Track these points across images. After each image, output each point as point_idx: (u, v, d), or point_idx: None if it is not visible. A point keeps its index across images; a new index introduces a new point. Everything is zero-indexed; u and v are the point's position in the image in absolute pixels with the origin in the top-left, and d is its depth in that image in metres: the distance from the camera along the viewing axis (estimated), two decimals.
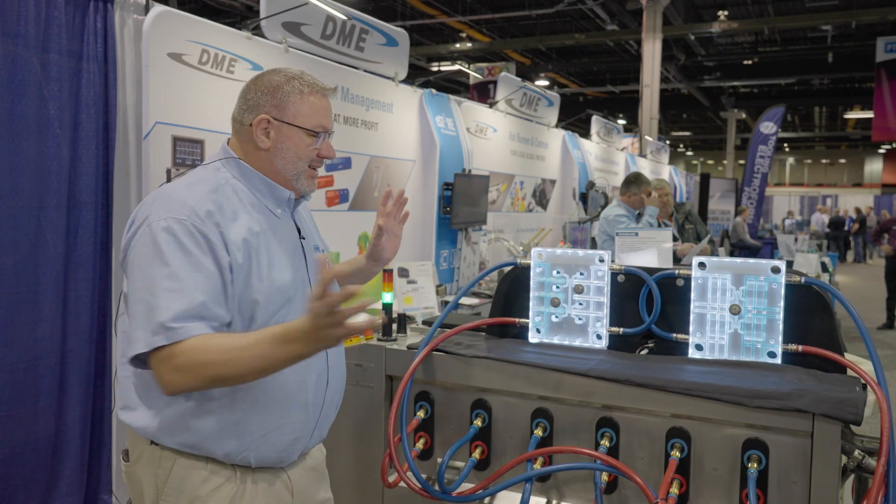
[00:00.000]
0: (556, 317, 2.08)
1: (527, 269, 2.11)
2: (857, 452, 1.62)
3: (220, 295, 1.42)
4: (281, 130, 1.58)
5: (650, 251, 3.67)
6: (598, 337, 2.05)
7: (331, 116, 1.65)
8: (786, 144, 37.87)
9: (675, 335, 1.98)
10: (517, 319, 2.14)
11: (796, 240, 8.96)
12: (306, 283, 1.61)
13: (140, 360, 1.41)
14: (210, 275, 1.41)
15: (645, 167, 11.17)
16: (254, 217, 1.54)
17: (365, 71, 4.45)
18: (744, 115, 26.17)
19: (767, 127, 15.36)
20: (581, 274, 2.05)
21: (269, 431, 1.52)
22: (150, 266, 1.39)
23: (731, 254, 12.42)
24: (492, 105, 6.41)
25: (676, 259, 4.61)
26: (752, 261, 1.89)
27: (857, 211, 24.48)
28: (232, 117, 1.66)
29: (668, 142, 21.13)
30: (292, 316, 1.51)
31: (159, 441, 1.50)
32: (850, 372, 1.80)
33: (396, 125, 4.79)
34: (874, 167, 39.45)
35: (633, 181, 5.24)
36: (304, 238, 1.66)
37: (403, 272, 3.57)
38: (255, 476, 1.54)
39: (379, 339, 2.16)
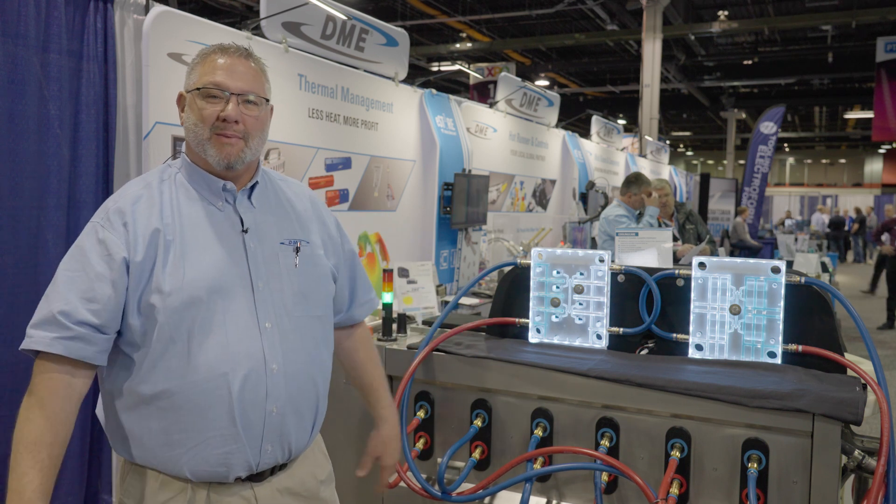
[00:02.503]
0: (556, 317, 2.08)
1: (527, 269, 2.11)
2: (857, 452, 1.62)
3: (102, 295, 1.38)
4: (187, 102, 1.50)
5: (650, 251, 3.67)
6: (598, 337, 2.05)
7: (237, 77, 1.48)
8: (786, 144, 37.86)
9: (675, 335, 1.98)
10: (517, 319, 2.14)
11: (796, 240, 8.96)
12: (244, 278, 1.47)
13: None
14: (95, 276, 1.39)
15: (645, 167, 11.17)
16: (183, 210, 1.47)
17: (365, 71, 4.45)
18: (744, 115, 26.16)
19: (767, 127, 15.36)
20: (581, 274, 2.05)
21: (197, 443, 1.41)
22: (62, 261, 1.46)
23: (731, 254, 12.42)
24: (492, 105, 6.41)
25: (676, 260, 4.60)
26: (752, 261, 1.89)
27: (857, 211, 24.47)
28: None
29: (668, 142, 21.13)
30: (214, 318, 1.42)
31: (115, 449, 1.49)
32: (850, 372, 1.80)
33: (396, 125, 4.79)
34: (874, 167, 39.44)
35: (634, 181, 5.24)
36: (246, 231, 1.50)
37: (403, 272, 3.57)
38: (208, 490, 1.44)
39: (379, 339, 2.16)
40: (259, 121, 1.51)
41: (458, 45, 16.63)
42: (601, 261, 2.03)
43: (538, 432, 1.85)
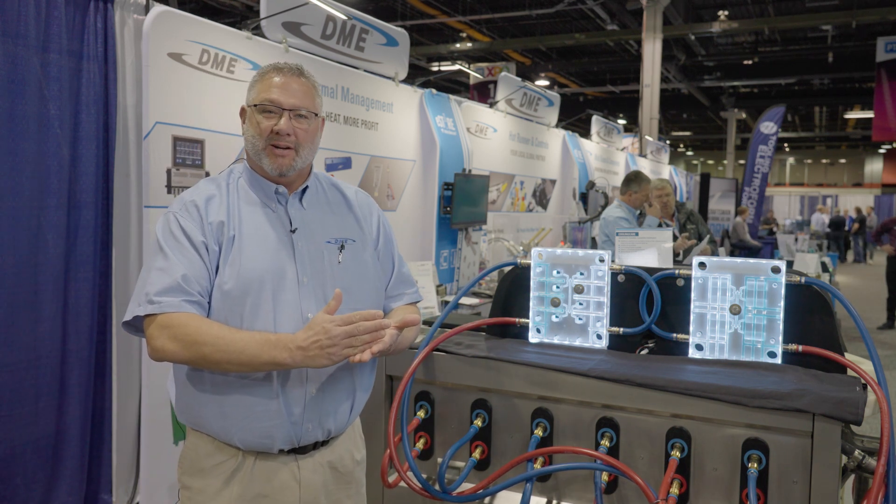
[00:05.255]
0: (557, 317, 2.08)
1: (527, 269, 2.11)
2: (857, 452, 1.62)
3: (202, 271, 1.58)
4: (247, 115, 1.72)
5: (650, 251, 3.67)
6: (599, 337, 2.05)
7: (290, 94, 1.67)
8: (786, 144, 37.87)
9: (675, 335, 1.98)
10: (517, 319, 2.14)
11: (796, 240, 8.96)
12: (291, 273, 1.64)
13: (132, 327, 1.60)
14: (191, 256, 1.58)
15: (645, 167, 11.17)
16: (243, 210, 1.67)
17: (365, 71, 4.45)
18: (744, 115, 26.17)
19: (767, 127, 15.36)
20: (581, 274, 2.05)
21: (245, 416, 1.60)
22: (152, 254, 1.62)
23: (731, 254, 12.42)
24: (492, 105, 6.41)
25: (675, 253, 4.61)
26: (752, 261, 1.89)
27: (858, 211, 24.48)
28: None
29: (668, 142, 21.12)
30: (262, 305, 1.59)
31: (179, 417, 1.70)
32: (850, 372, 1.80)
33: (396, 125, 4.79)
34: (874, 167, 39.44)
35: (633, 179, 5.24)
36: (294, 231, 1.69)
37: None
38: (256, 458, 1.62)
39: None
40: (309, 133, 1.71)
41: (458, 45, 16.63)
42: (601, 261, 2.03)
43: (538, 432, 1.85)
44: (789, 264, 2.59)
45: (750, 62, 18.85)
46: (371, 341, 1.50)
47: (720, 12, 15.10)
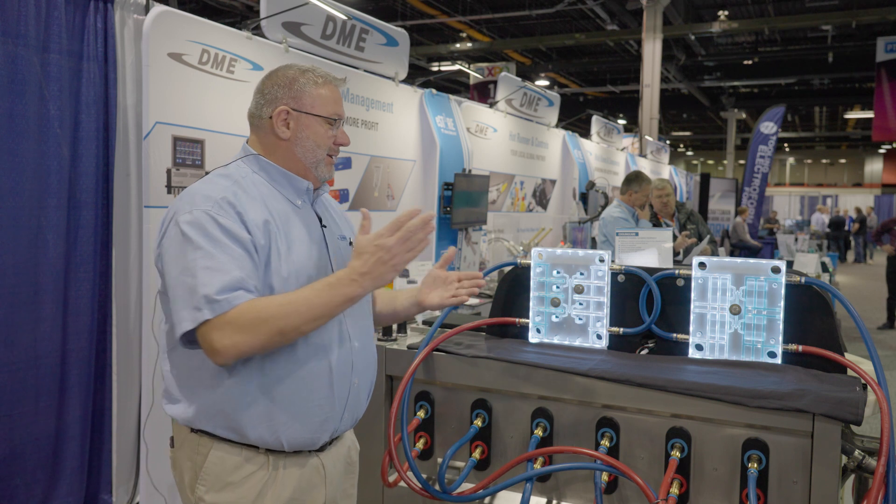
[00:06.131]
0: (557, 317, 2.08)
1: (527, 269, 2.11)
2: (857, 452, 1.62)
3: (252, 271, 1.50)
4: (300, 120, 1.66)
5: (650, 251, 3.67)
6: (599, 337, 2.05)
7: (342, 105, 1.73)
8: (786, 144, 37.85)
9: (675, 335, 1.98)
10: (517, 319, 2.14)
11: (796, 240, 8.95)
12: (328, 269, 1.65)
13: (188, 340, 1.48)
14: (239, 255, 1.49)
15: (645, 167, 11.17)
16: (273, 206, 1.62)
17: (365, 71, 4.45)
18: (744, 115, 26.16)
19: (767, 127, 15.35)
20: (581, 274, 2.05)
21: (299, 412, 1.57)
22: (185, 254, 1.48)
23: (731, 254, 12.42)
24: (492, 105, 6.41)
25: (675, 252, 4.61)
26: (752, 261, 1.89)
27: (858, 210, 24.47)
28: (249, 114, 1.73)
29: (668, 142, 21.12)
30: None
31: (199, 427, 1.57)
32: (850, 372, 1.80)
33: (396, 125, 4.79)
34: (874, 167, 39.42)
35: (634, 179, 5.24)
36: (325, 227, 1.71)
37: (403, 272, 3.57)
38: (286, 461, 1.58)
39: (379, 339, 2.16)
40: None
41: (458, 45, 16.62)
42: (601, 261, 2.03)
43: (538, 432, 1.85)
44: (789, 264, 2.59)
45: (750, 62, 18.84)
46: (423, 235, 1.51)
47: (720, 12, 15.09)
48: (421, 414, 2.01)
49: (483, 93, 12.65)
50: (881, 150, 36.18)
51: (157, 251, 1.58)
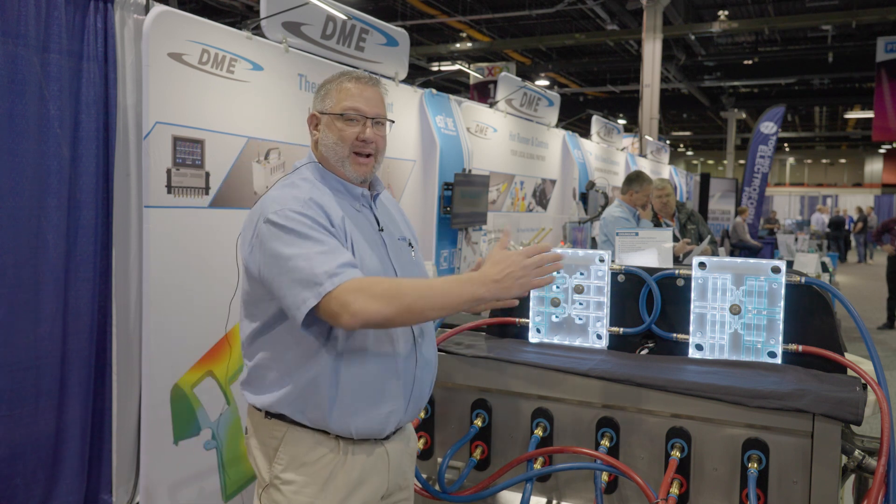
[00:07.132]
0: (557, 317, 2.08)
1: None
2: (857, 452, 1.62)
3: (352, 258, 1.60)
4: (322, 121, 1.77)
5: (650, 251, 3.67)
6: (599, 337, 2.05)
7: (371, 103, 1.75)
8: (786, 144, 37.85)
9: (675, 335, 1.98)
10: (517, 319, 2.14)
11: (796, 240, 8.95)
12: (390, 267, 1.74)
13: (307, 324, 1.56)
14: (339, 245, 1.61)
15: (645, 167, 11.16)
16: (342, 205, 1.72)
17: (365, 71, 4.45)
18: (744, 115, 26.16)
19: (768, 127, 15.35)
20: (581, 274, 2.05)
21: (368, 403, 1.65)
22: (292, 245, 1.57)
23: (731, 254, 12.42)
24: (492, 105, 6.41)
25: (675, 257, 4.61)
26: (752, 261, 1.89)
27: (859, 210, 24.47)
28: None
29: (668, 142, 21.11)
30: None
31: (277, 411, 1.67)
32: (850, 372, 1.80)
33: (396, 125, 4.78)
34: (874, 167, 39.42)
35: (634, 179, 5.24)
36: (381, 230, 1.79)
37: None
38: (355, 448, 1.67)
39: None
40: (385, 140, 1.80)
41: (458, 45, 16.63)
42: (601, 261, 2.03)
43: (538, 432, 1.85)
44: (789, 264, 2.59)
45: (750, 62, 18.84)
46: (551, 269, 1.60)
47: (720, 12, 15.09)
48: (421, 414, 2.01)
49: (483, 93, 12.65)
50: (881, 150, 36.18)
51: (246, 252, 1.67)
